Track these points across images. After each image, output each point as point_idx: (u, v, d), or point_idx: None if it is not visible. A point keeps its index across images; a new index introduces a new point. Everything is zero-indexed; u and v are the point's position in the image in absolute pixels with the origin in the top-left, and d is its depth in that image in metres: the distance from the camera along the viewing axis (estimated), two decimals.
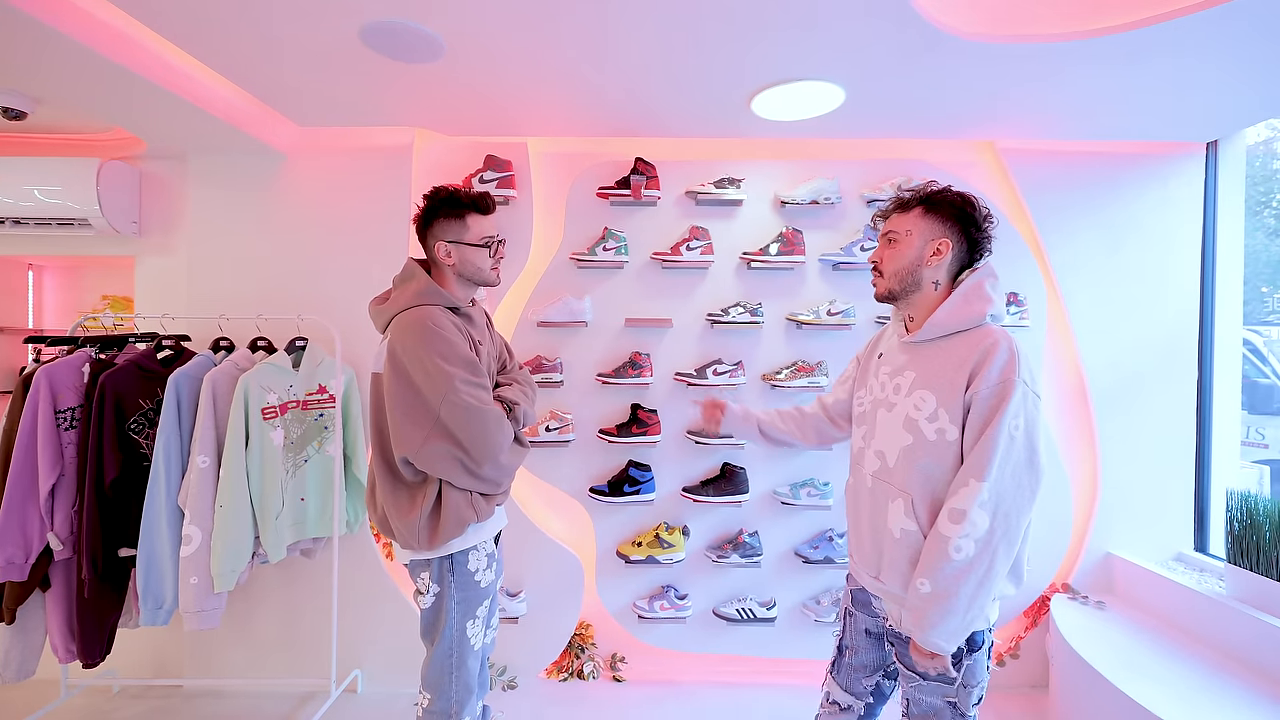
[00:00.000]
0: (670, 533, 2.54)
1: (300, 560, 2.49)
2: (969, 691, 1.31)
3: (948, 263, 1.37)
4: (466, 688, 1.62)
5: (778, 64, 1.96)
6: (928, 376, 1.33)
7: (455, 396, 1.45)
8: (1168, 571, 2.44)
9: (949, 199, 1.38)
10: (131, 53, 1.82)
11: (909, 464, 1.33)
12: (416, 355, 1.47)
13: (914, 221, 1.39)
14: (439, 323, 1.51)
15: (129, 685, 2.54)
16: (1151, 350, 2.59)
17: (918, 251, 1.37)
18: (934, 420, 1.30)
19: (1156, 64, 1.93)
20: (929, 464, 1.30)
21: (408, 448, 1.47)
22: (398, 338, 1.50)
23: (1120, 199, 2.59)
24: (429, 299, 1.56)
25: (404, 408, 1.47)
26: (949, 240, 1.36)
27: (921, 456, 1.31)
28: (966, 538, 1.21)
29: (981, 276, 1.35)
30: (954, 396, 1.28)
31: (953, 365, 1.30)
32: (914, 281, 1.39)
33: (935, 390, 1.31)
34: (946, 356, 1.32)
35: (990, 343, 1.27)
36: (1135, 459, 2.59)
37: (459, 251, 1.60)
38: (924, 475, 1.31)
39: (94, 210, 2.42)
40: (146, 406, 2.16)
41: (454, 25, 1.74)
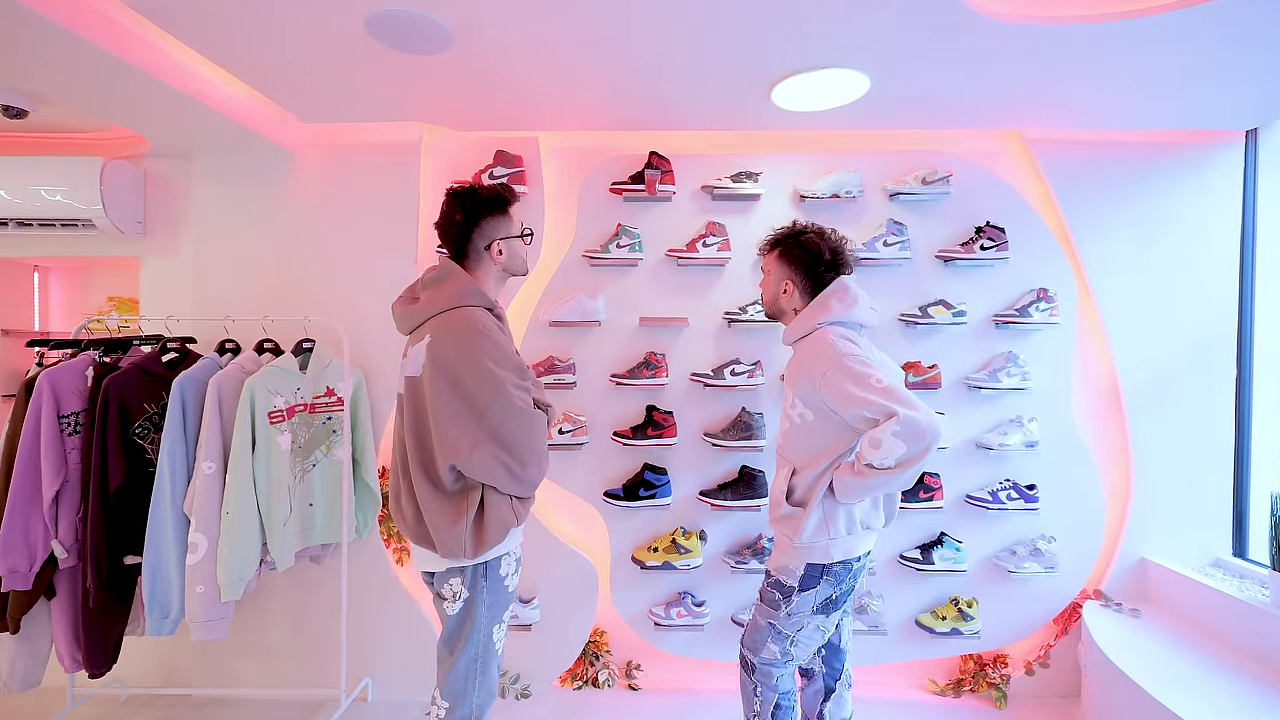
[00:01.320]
0: (687, 538, 2.47)
1: (309, 567, 2.43)
2: (790, 619, 1.66)
3: (797, 297, 1.71)
4: (489, 693, 1.59)
5: (800, 51, 1.88)
6: (790, 375, 1.70)
7: (508, 401, 1.43)
8: (1206, 578, 2.34)
9: (794, 245, 1.71)
10: (133, 48, 1.76)
11: (789, 443, 1.70)
12: (466, 359, 1.43)
13: (772, 263, 1.76)
14: (486, 325, 1.48)
15: (136, 694, 2.50)
16: (1188, 348, 2.49)
17: (774, 288, 1.76)
18: (794, 408, 1.67)
19: (1195, 47, 1.84)
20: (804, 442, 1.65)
21: (456, 454, 1.42)
22: (443, 340, 1.46)
23: (1155, 191, 2.49)
24: (472, 299, 1.52)
25: (452, 414, 1.43)
26: (793, 281, 1.71)
27: (797, 436, 1.67)
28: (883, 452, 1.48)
29: (829, 293, 1.67)
30: (802, 388, 1.62)
31: (798, 365, 1.65)
32: (778, 310, 1.78)
33: (792, 386, 1.68)
34: (798, 358, 1.68)
35: (813, 348, 1.60)
36: (1170, 460, 2.49)
37: (509, 247, 1.60)
38: (805, 450, 1.65)
39: (98, 210, 2.37)
40: (151, 411, 2.11)
41: (463, 14, 1.67)
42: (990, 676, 2.51)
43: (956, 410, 2.49)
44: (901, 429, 1.43)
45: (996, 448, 2.41)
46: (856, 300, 1.66)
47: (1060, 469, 2.48)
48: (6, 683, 2.06)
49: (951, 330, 2.49)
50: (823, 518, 1.59)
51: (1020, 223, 2.48)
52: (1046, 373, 2.48)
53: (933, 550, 2.44)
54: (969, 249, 2.44)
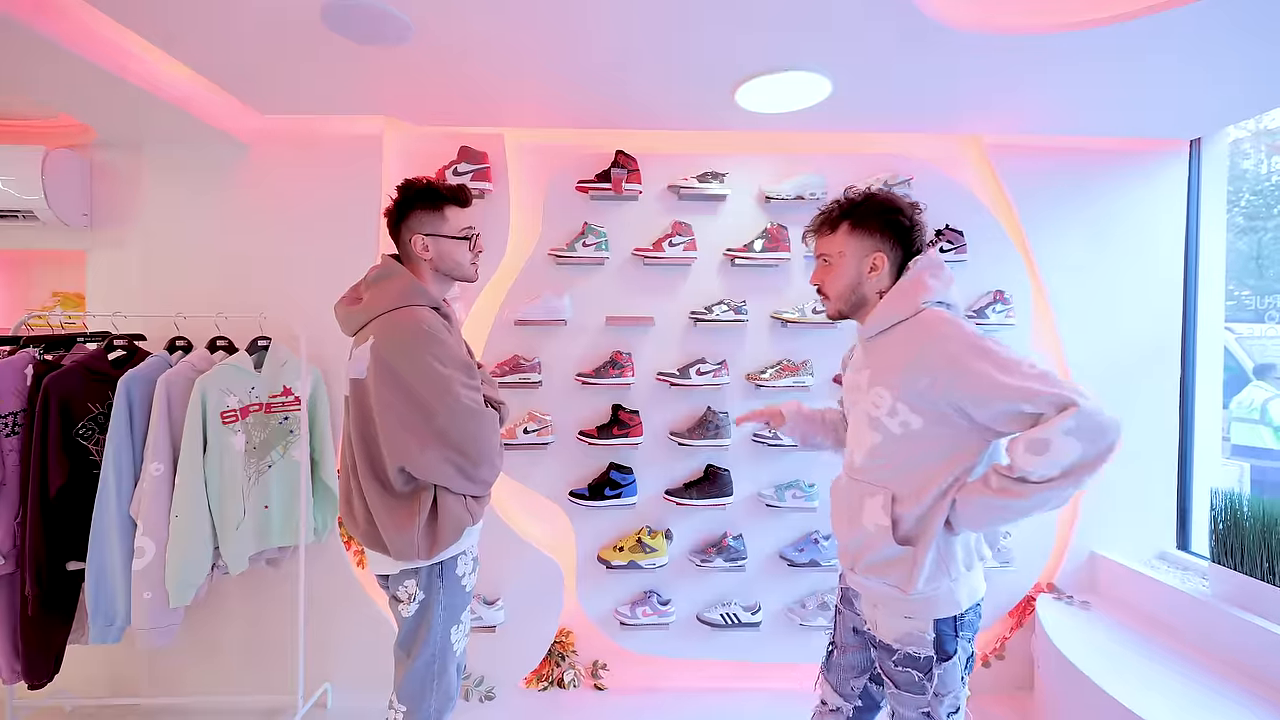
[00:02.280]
0: (653, 537, 2.47)
1: (265, 570, 2.37)
2: (940, 700, 1.29)
3: (888, 273, 1.35)
4: (447, 696, 1.57)
5: (764, 53, 1.89)
6: (880, 372, 1.32)
7: (455, 401, 1.40)
8: (1151, 571, 2.43)
9: (873, 209, 1.35)
10: (76, 35, 1.69)
11: (883, 461, 1.32)
12: (411, 360, 1.40)
13: (843, 241, 1.37)
14: (430, 324, 1.44)
15: (82, 705, 2.40)
16: (1135, 348, 2.58)
17: (855, 270, 1.36)
18: (894, 415, 1.28)
19: (1142, 59, 1.90)
20: (915, 455, 1.27)
21: (404, 456, 1.40)
22: (386, 341, 1.42)
23: (1105, 196, 2.57)
24: (414, 299, 1.48)
25: (399, 415, 1.40)
26: (883, 253, 1.35)
27: (898, 452, 1.29)
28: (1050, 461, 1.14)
29: (922, 268, 1.33)
30: (906, 387, 1.25)
31: (898, 358, 1.28)
32: (859, 299, 1.38)
33: (887, 385, 1.29)
34: (893, 349, 1.30)
35: (925, 331, 1.25)
36: (1118, 457, 2.55)
37: (437, 245, 1.53)
38: (910, 469, 1.28)
39: (39, 201, 2.27)
40: (96, 410, 2.03)
41: (422, 5, 1.64)
42: None
43: None
44: (1078, 425, 1.10)
45: None
46: (952, 279, 1.34)
47: None
48: None
49: None
50: (938, 555, 1.25)
51: (978, 225, 2.54)
52: None
53: None
54: None
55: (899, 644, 1.32)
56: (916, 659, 1.29)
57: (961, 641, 1.30)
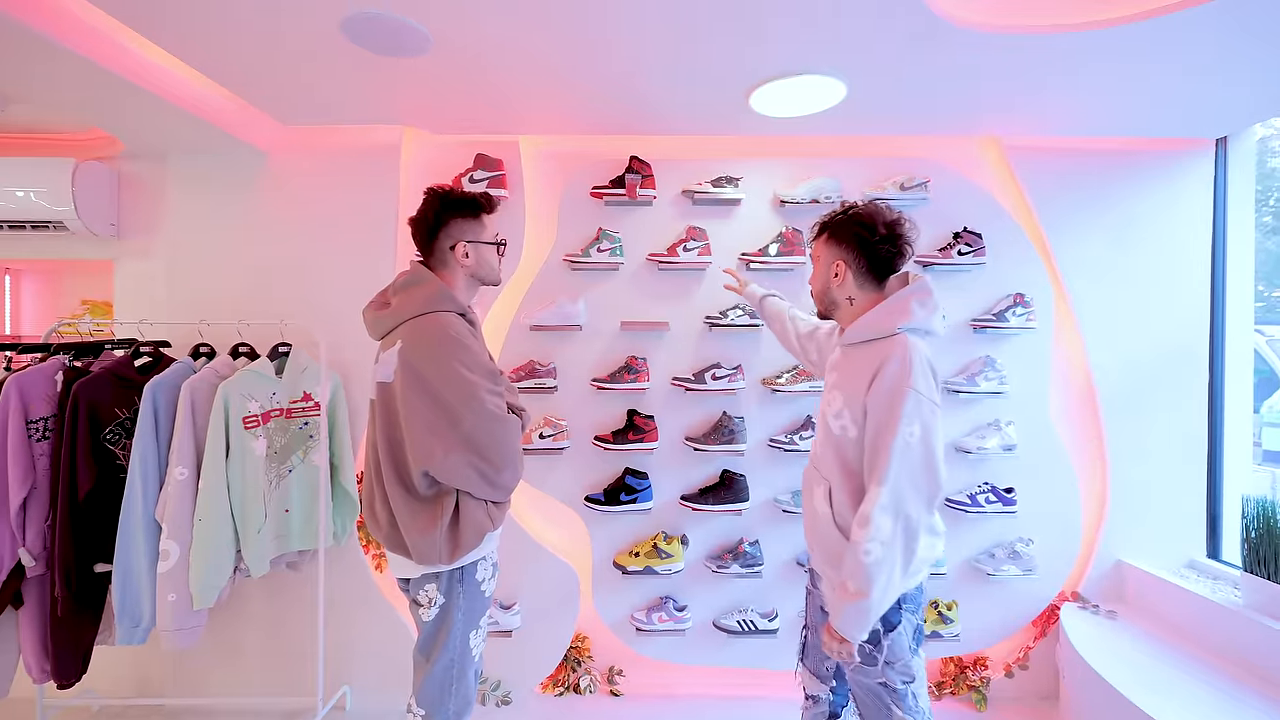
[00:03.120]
0: (668, 542, 2.46)
1: (286, 574, 2.40)
2: (894, 669, 1.43)
3: (851, 281, 1.49)
4: (465, 701, 1.58)
5: (778, 57, 1.89)
6: (843, 379, 1.47)
7: (480, 406, 1.42)
8: (1180, 580, 2.37)
9: (842, 221, 1.49)
10: (106, 49, 1.74)
11: (826, 456, 1.49)
12: (438, 365, 1.42)
13: (821, 248, 1.55)
14: (458, 330, 1.48)
15: (109, 705, 2.45)
16: (1161, 352, 2.53)
17: (824, 276, 1.54)
18: (839, 418, 1.45)
19: (1167, 57, 1.87)
20: (843, 458, 1.45)
21: (428, 460, 1.41)
22: (414, 346, 1.45)
23: (1128, 197, 2.52)
24: (442, 304, 1.51)
25: (424, 419, 1.42)
26: (844, 262, 1.49)
27: (835, 451, 1.46)
28: (873, 541, 1.31)
29: (911, 292, 1.44)
30: (857, 399, 1.40)
31: (860, 370, 1.42)
32: (831, 301, 1.55)
33: (844, 391, 1.45)
34: (859, 361, 1.44)
35: (889, 352, 1.38)
36: (1146, 463, 2.52)
37: (477, 251, 1.58)
38: (841, 468, 1.45)
39: (69, 212, 2.34)
40: (123, 416, 2.07)
41: (441, 17, 1.67)
42: (970, 679, 2.52)
43: None
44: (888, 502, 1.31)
45: (975, 451, 2.43)
46: (937, 306, 1.45)
47: (1038, 472, 2.50)
48: None
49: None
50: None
51: (997, 228, 2.50)
52: (1024, 377, 2.50)
53: None
54: (947, 254, 2.46)
55: None
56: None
57: (905, 613, 1.43)
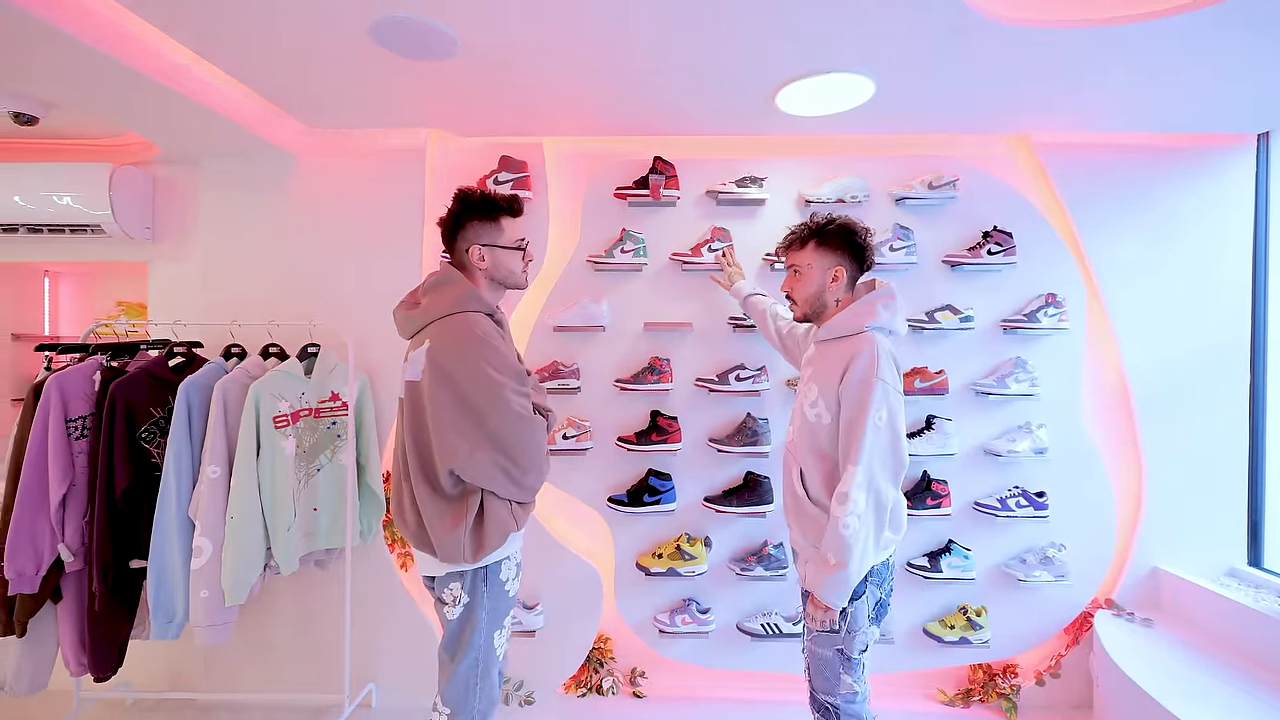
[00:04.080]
0: (692, 544, 2.45)
1: (313, 572, 2.43)
2: (852, 637, 1.58)
3: (845, 284, 1.69)
4: (490, 700, 1.59)
5: (806, 56, 1.87)
6: (818, 372, 1.65)
7: (506, 406, 1.44)
8: (1220, 588, 2.30)
9: (835, 231, 1.68)
10: (141, 56, 1.78)
11: (801, 442, 1.67)
12: (465, 364, 1.44)
13: (810, 255, 1.71)
14: (485, 330, 1.49)
15: (142, 698, 2.50)
16: (1199, 353, 2.46)
17: (819, 279, 1.70)
18: (814, 406, 1.63)
19: (1205, 50, 1.82)
20: (815, 442, 1.62)
21: (454, 459, 1.43)
22: (442, 345, 1.46)
23: (1165, 195, 2.46)
24: (470, 305, 1.52)
25: (450, 418, 1.43)
26: (842, 267, 1.68)
27: (810, 437, 1.64)
28: (851, 514, 1.48)
29: (877, 297, 1.64)
30: (830, 389, 1.60)
31: (833, 364, 1.60)
32: (821, 304, 1.72)
33: (819, 383, 1.63)
34: (832, 356, 1.63)
35: (857, 348, 1.57)
36: (1183, 468, 2.45)
37: (492, 255, 1.58)
38: (814, 452, 1.63)
39: (107, 216, 2.40)
40: (158, 415, 2.11)
41: (468, 21, 1.68)
42: (1000, 686, 2.47)
43: (964, 416, 2.46)
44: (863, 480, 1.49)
45: (1005, 454, 2.38)
46: (900, 309, 1.65)
47: (1070, 476, 2.44)
48: (13, 686, 2.07)
49: (959, 335, 2.47)
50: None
51: (1028, 227, 2.45)
52: (1055, 379, 2.45)
53: (941, 558, 2.41)
54: (976, 254, 2.42)
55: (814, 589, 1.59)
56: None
57: (870, 585, 1.58)
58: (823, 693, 1.65)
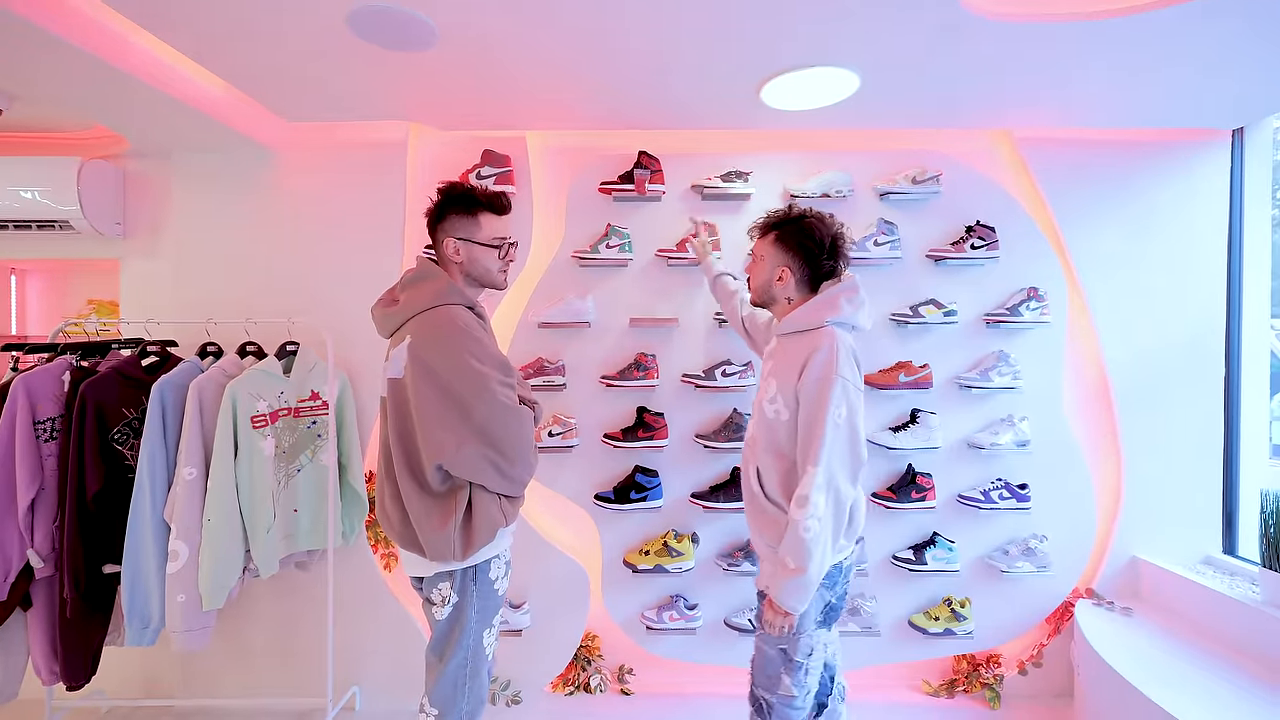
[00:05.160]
0: (679, 540, 2.44)
1: (295, 574, 2.39)
2: (797, 639, 1.56)
3: (793, 285, 1.62)
4: (478, 699, 1.57)
5: (789, 50, 1.86)
6: (778, 367, 1.60)
7: (492, 398, 1.42)
8: (1196, 575, 2.35)
9: (793, 229, 1.60)
10: (110, 45, 1.72)
11: (759, 439, 1.61)
12: (448, 357, 1.42)
13: (767, 247, 1.65)
14: (466, 322, 1.47)
15: (118, 706, 2.44)
16: (1176, 346, 2.50)
17: (767, 274, 1.65)
18: (773, 403, 1.58)
19: (1181, 46, 1.84)
20: (774, 440, 1.57)
21: (441, 454, 1.40)
22: (423, 340, 1.44)
23: (1143, 189, 2.49)
24: (450, 298, 1.50)
25: (436, 413, 1.41)
26: (789, 268, 1.61)
27: (768, 434, 1.58)
28: (810, 517, 1.43)
29: (839, 290, 1.59)
30: (787, 384, 1.54)
31: (792, 359, 1.55)
32: (769, 297, 1.68)
33: (778, 379, 1.58)
34: (791, 351, 1.57)
35: (816, 344, 1.52)
36: (1160, 458, 2.49)
37: (468, 250, 1.55)
38: (772, 450, 1.58)
39: (75, 211, 2.32)
40: (130, 416, 2.06)
41: (446, 10, 1.64)
42: (984, 676, 2.50)
43: (948, 410, 2.48)
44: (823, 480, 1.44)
45: (988, 447, 2.41)
46: (864, 303, 1.61)
47: (1052, 468, 2.47)
48: None
49: (942, 330, 2.49)
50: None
51: (1010, 222, 2.47)
52: (1037, 372, 2.47)
53: (925, 550, 2.43)
54: (959, 248, 2.43)
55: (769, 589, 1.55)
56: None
57: (820, 590, 1.54)
58: (761, 688, 1.62)
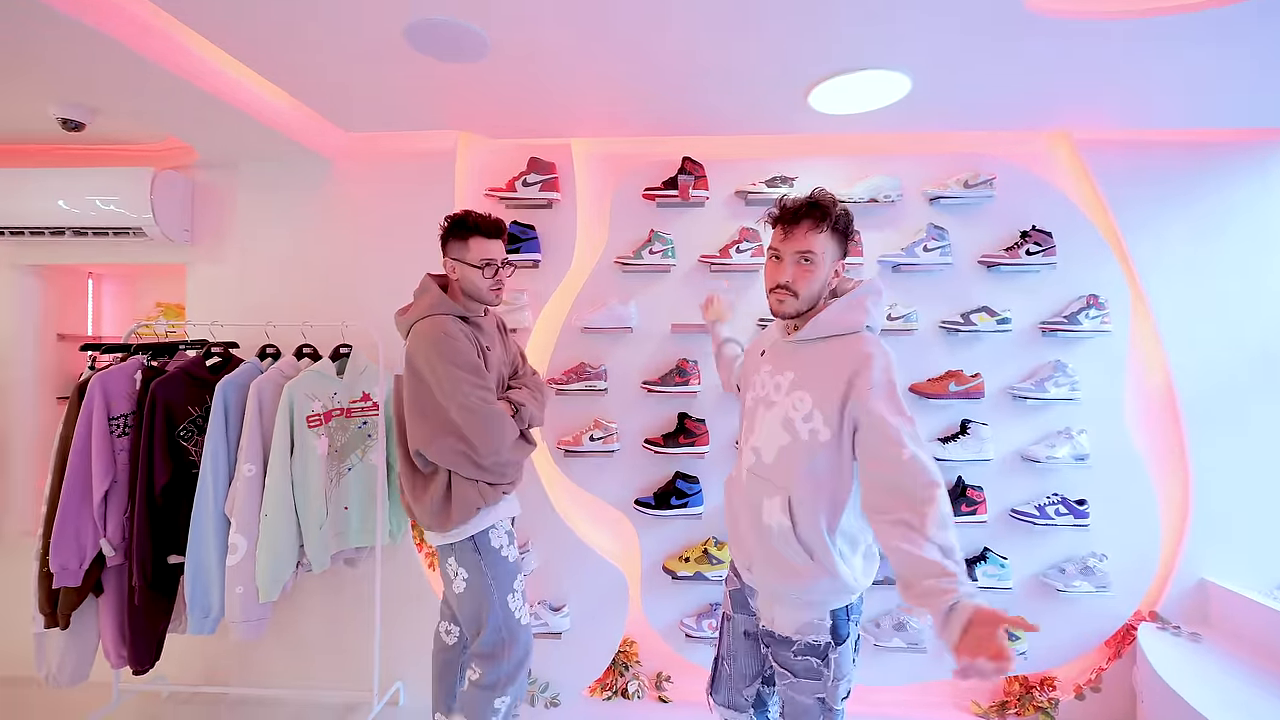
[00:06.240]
0: (719, 548, 2.42)
1: (344, 570, 2.46)
2: (837, 685, 1.37)
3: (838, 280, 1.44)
4: (518, 662, 1.76)
5: (839, 53, 1.84)
6: (806, 378, 1.37)
7: (462, 398, 1.64)
8: (1272, 601, 2.21)
9: (843, 217, 1.39)
10: (183, 60, 1.82)
11: (788, 462, 1.36)
12: (429, 360, 1.66)
13: (826, 242, 1.38)
14: (450, 331, 1.69)
15: (178, 691, 2.55)
16: (1248, 356, 2.37)
17: (826, 274, 1.39)
18: (809, 420, 1.33)
19: (1256, 40, 1.75)
20: (812, 464, 1.33)
21: (419, 442, 1.67)
22: (414, 344, 1.71)
23: (1212, 192, 2.37)
24: (440, 309, 1.75)
25: (418, 407, 1.68)
26: (843, 262, 1.43)
27: (803, 456, 1.34)
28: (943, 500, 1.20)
29: (866, 292, 1.40)
30: (830, 399, 1.31)
31: (831, 369, 1.33)
32: (821, 301, 1.42)
33: (812, 391, 1.34)
34: (825, 359, 1.35)
35: (866, 353, 1.31)
36: (1231, 476, 2.36)
37: (460, 270, 1.78)
38: (812, 477, 1.33)
39: (148, 219, 2.45)
40: (195, 414, 2.16)
41: (498, 22, 1.68)
42: (1037, 699, 2.40)
43: (1001, 421, 2.40)
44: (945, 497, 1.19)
45: (1044, 460, 2.32)
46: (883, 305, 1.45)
47: (1112, 483, 2.36)
48: (56, 676, 2.13)
49: (995, 338, 2.41)
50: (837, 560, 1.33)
51: (1068, 226, 2.38)
52: (1097, 383, 2.37)
53: (975, 566, 2.35)
54: (1014, 254, 2.36)
55: (799, 635, 1.37)
56: (816, 646, 1.36)
57: (852, 624, 1.38)
58: None
